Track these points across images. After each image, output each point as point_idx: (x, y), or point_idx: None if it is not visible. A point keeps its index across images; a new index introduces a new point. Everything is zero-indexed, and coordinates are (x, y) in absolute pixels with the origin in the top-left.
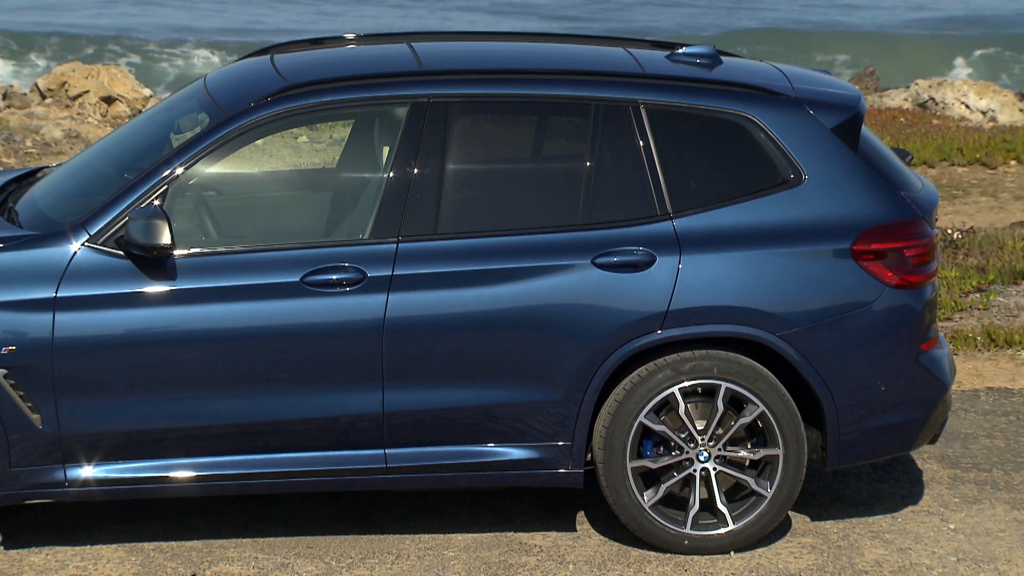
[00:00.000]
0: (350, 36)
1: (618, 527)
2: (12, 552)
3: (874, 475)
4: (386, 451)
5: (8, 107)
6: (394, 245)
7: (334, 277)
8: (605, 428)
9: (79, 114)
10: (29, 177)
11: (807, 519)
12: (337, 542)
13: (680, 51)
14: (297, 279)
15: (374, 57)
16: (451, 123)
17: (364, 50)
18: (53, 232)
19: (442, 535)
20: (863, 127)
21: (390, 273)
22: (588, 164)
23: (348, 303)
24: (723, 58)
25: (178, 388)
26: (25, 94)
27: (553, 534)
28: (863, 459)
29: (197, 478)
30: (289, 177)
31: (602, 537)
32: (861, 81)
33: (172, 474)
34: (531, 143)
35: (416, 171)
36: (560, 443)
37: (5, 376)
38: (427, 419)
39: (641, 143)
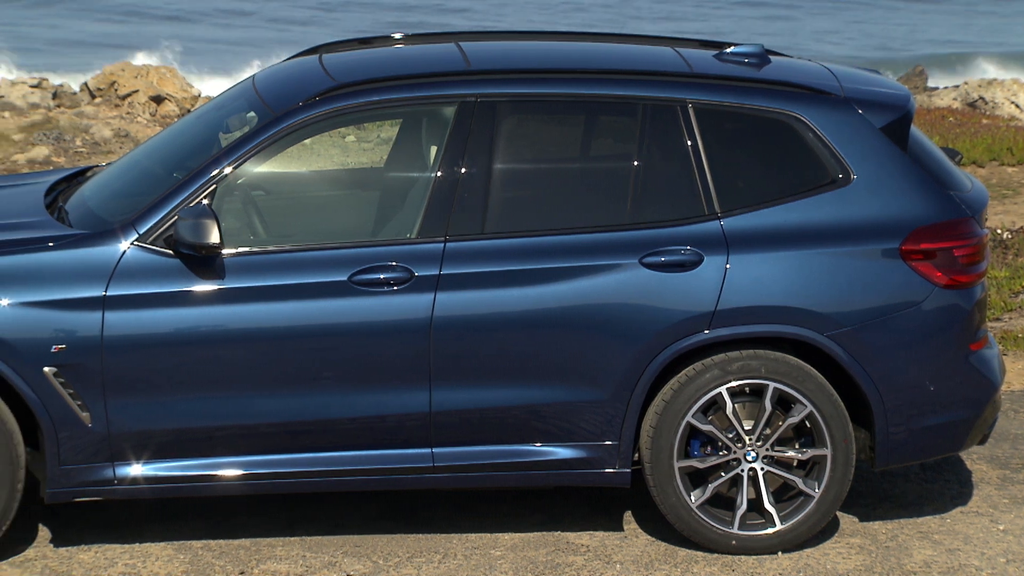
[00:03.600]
0: (398, 36)
1: (665, 527)
2: (62, 549)
3: (923, 476)
4: (433, 450)
5: (58, 106)
6: (441, 244)
7: (382, 276)
8: (652, 428)
9: (128, 113)
10: (79, 176)
11: (855, 519)
12: (384, 541)
13: (728, 50)
14: (345, 278)
15: (422, 57)
16: (499, 122)
17: (412, 50)
18: (103, 231)
19: (489, 534)
20: (912, 126)
21: (437, 272)
22: (636, 163)
23: (395, 302)
24: (771, 57)
25: (226, 387)
26: (75, 93)
27: (600, 534)
28: (912, 459)
29: (245, 476)
30: (337, 176)
31: (649, 537)
32: (910, 80)
33: (220, 472)
34: (579, 142)
35: (464, 170)
36: (607, 443)
37: (55, 374)
38: (474, 418)
39: (689, 142)
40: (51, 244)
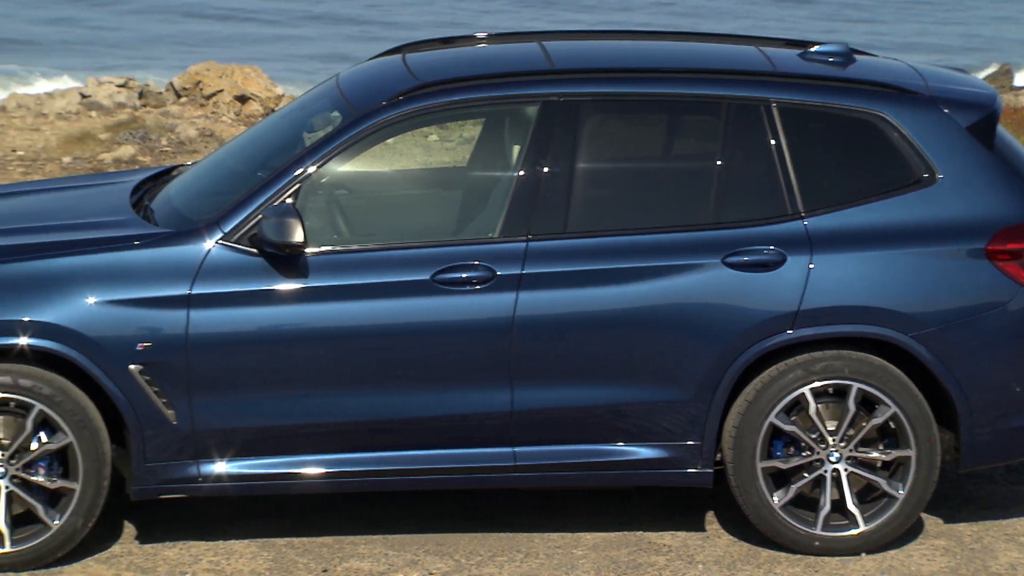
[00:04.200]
0: (481, 35)
1: (748, 527)
2: (147, 546)
3: (1008, 478)
4: (515, 449)
5: (144, 106)
6: (524, 244)
7: (464, 275)
8: (735, 428)
9: (213, 113)
10: (164, 175)
11: (940, 521)
12: (466, 539)
13: (812, 49)
14: (427, 277)
15: (505, 56)
16: (581, 122)
17: (495, 49)
18: (188, 230)
19: (571, 534)
20: (998, 125)
21: (520, 272)
22: (719, 163)
23: (478, 301)
24: (856, 56)
25: (309, 385)
26: (160, 93)
27: (682, 534)
28: (997, 461)
29: (327, 474)
30: (420, 176)
31: (731, 537)
32: (996, 79)
33: (303, 470)
34: (661, 142)
35: (546, 170)
36: (689, 443)
37: (140, 372)
38: (556, 417)
39: (772, 142)
40: (137, 243)
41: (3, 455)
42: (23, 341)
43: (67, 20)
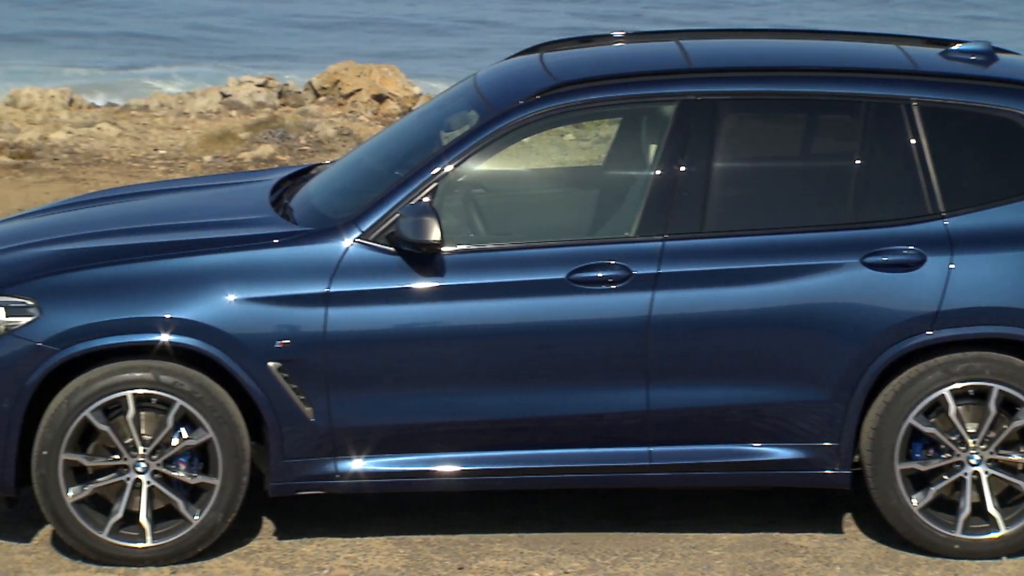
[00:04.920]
0: (618, 34)
1: (886, 529)
2: (285, 542)
3: None
4: (650, 449)
5: (283, 105)
6: (660, 243)
7: (600, 275)
8: (873, 429)
9: (351, 112)
10: (303, 174)
11: None
12: (601, 539)
13: (954, 48)
14: (563, 276)
15: (642, 55)
16: (719, 121)
17: (632, 48)
18: (326, 228)
19: (706, 534)
20: None
21: (656, 271)
22: (857, 162)
23: (614, 300)
24: (999, 55)
25: (445, 383)
26: (299, 92)
27: (819, 535)
28: None
29: (463, 473)
30: (555, 175)
31: (869, 539)
32: None
33: (439, 468)
34: (799, 141)
35: (683, 169)
36: (827, 444)
37: (279, 369)
38: (692, 417)
39: (913, 141)
40: (276, 241)
41: (145, 451)
42: (165, 338)
43: (204, 23)
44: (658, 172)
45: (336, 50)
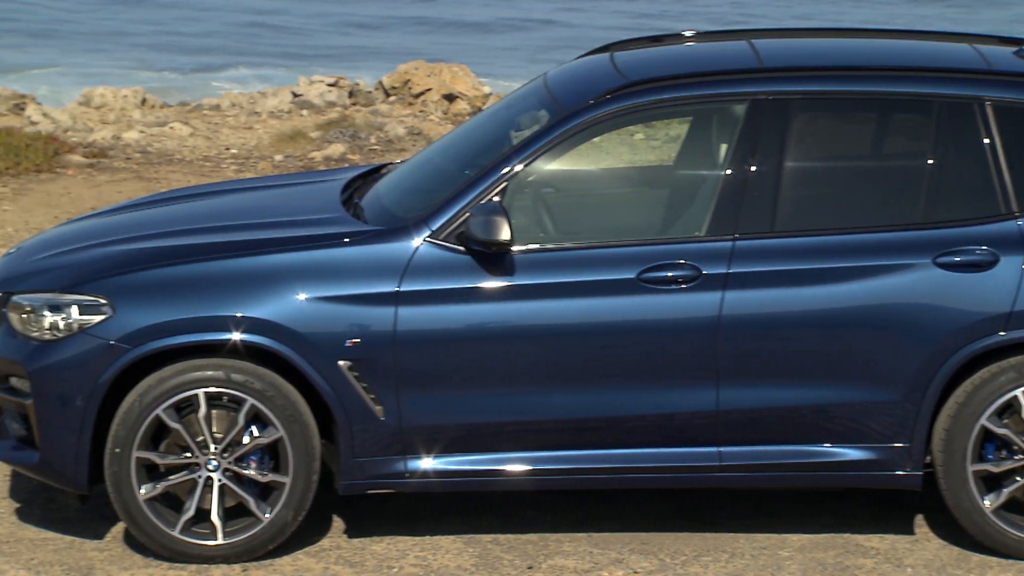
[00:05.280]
0: (689, 33)
1: (957, 531)
2: (355, 540)
3: None
4: (720, 449)
5: (354, 104)
6: (730, 243)
7: (670, 274)
8: (945, 430)
9: (421, 111)
10: (373, 174)
11: None
12: (671, 539)
13: None
14: (633, 276)
15: (713, 54)
16: (790, 120)
17: (703, 47)
18: (396, 227)
19: (777, 535)
20: None
21: (726, 271)
22: (929, 162)
23: (683, 300)
24: None
25: (514, 383)
26: (370, 92)
27: (890, 536)
28: None
29: (532, 472)
30: (625, 174)
31: (941, 541)
32: None
33: (508, 468)
34: (870, 141)
35: (753, 168)
36: (898, 445)
37: (349, 368)
38: (762, 417)
39: (986, 141)
40: (347, 240)
41: (216, 449)
42: (236, 337)
43: (268, 24)
44: (728, 171)
45: (400, 50)
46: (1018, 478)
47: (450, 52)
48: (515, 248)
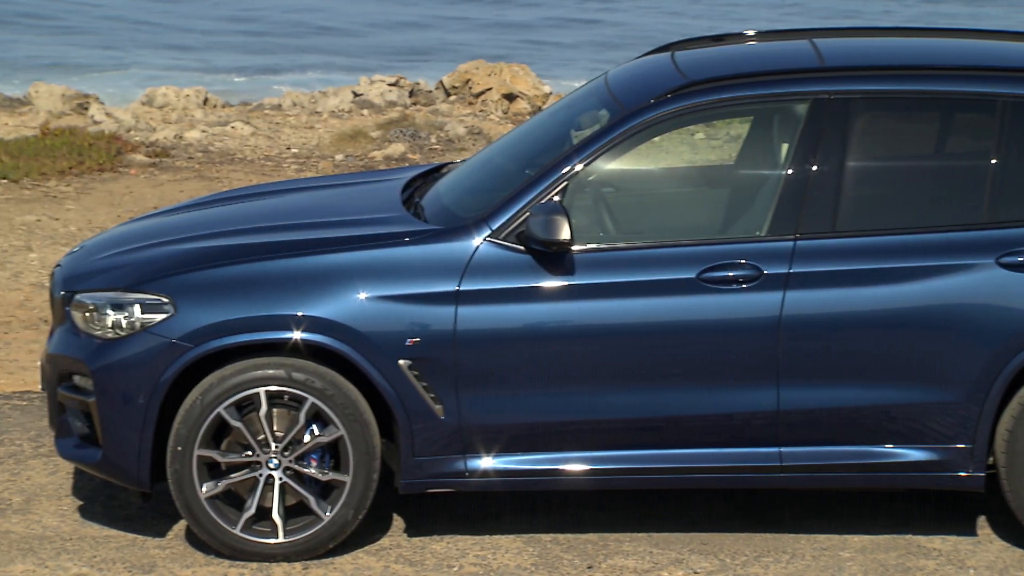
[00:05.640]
0: (750, 33)
1: (1021, 533)
2: (415, 539)
3: None
4: (781, 449)
5: (414, 104)
6: (792, 242)
7: (731, 274)
8: (1008, 431)
9: (481, 111)
10: (434, 173)
11: None
12: (731, 539)
13: None
14: (693, 276)
15: (774, 53)
16: (852, 119)
17: (764, 46)
18: (457, 227)
19: (837, 535)
20: None
21: (787, 271)
22: (993, 161)
23: (744, 300)
24: None
25: (574, 382)
26: (430, 91)
27: (952, 538)
28: None
29: (592, 472)
30: (686, 173)
31: (1004, 543)
32: None
33: (568, 467)
34: (933, 140)
35: (815, 168)
36: (960, 445)
37: (410, 367)
38: (823, 418)
39: None
40: (407, 239)
41: (277, 447)
42: (297, 336)
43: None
44: (790, 171)
45: (457, 49)
46: None
47: (506, 52)
48: (575, 247)
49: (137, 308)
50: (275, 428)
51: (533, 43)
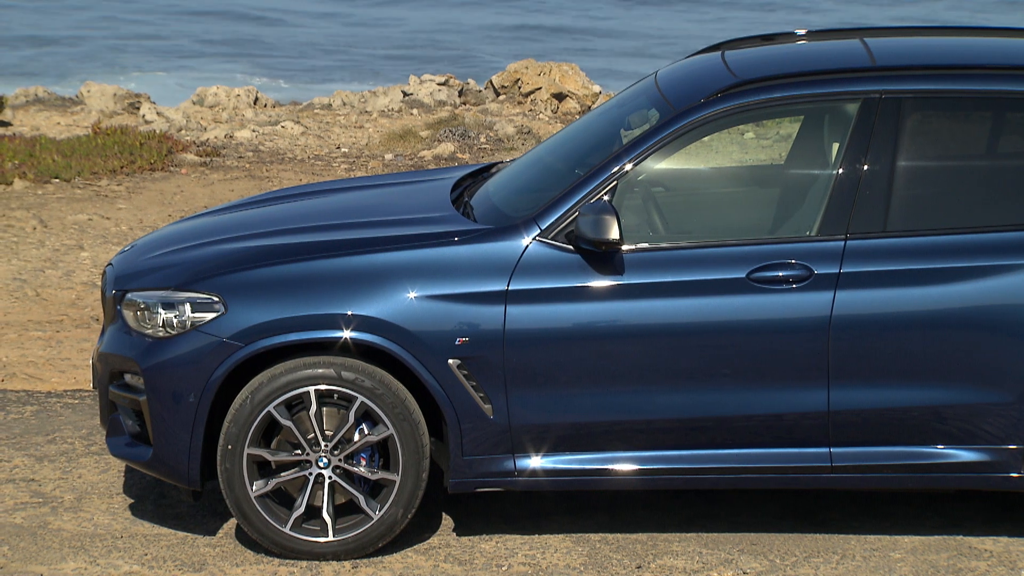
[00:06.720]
0: (801, 32)
1: None
2: (464, 539)
3: None
4: (831, 449)
5: (464, 104)
6: (842, 242)
7: (781, 274)
8: None
9: (530, 111)
10: (483, 172)
11: None
12: (781, 540)
13: None
14: (743, 275)
15: (825, 53)
16: (903, 119)
17: (815, 46)
18: (506, 226)
19: (888, 536)
20: None
21: (837, 271)
22: None
23: (794, 300)
24: None
25: (623, 382)
26: (480, 91)
27: (1004, 539)
28: None
29: (641, 471)
30: (735, 173)
31: None
32: None
33: (617, 467)
34: (984, 140)
35: (866, 168)
36: (1011, 446)
37: (459, 366)
38: (873, 418)
39: None
40: (456, 239)
41: (326, 446)
42: (346, 335)
43: (382, 26)
44: (840, 171)
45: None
46: None
47: (550, 54)
48: (624, 247)
49: (188, 307)
50: (325, 427)
51: (579, 50)
